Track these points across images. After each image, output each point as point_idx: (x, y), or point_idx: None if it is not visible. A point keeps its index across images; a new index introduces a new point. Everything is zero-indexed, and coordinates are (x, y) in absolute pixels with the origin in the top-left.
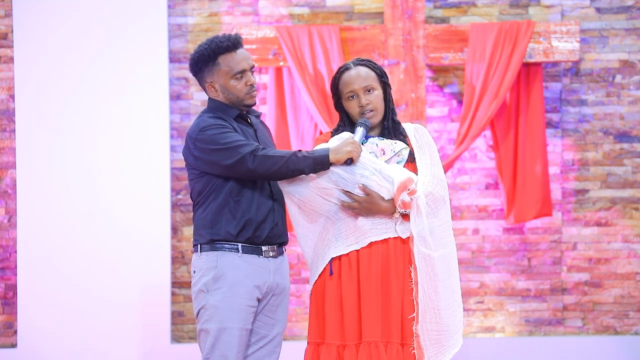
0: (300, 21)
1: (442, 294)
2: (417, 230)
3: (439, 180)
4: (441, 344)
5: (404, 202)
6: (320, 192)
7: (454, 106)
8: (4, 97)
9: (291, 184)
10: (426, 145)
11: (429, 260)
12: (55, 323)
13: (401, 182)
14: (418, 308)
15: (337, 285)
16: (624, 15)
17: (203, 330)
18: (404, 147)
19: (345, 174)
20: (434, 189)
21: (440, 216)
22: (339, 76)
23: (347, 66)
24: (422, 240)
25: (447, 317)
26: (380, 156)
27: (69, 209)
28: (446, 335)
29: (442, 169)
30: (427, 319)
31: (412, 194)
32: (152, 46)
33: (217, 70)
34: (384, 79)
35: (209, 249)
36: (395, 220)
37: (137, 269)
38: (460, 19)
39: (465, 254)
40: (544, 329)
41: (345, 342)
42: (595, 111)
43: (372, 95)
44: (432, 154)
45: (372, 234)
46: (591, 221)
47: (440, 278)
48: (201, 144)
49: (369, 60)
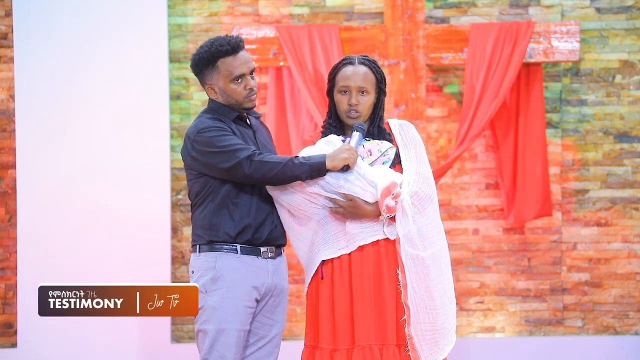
0: (300, 21)
1: (434, 293)
2: (403, 232)
3: (425, 178)
4: (437, 342)
5: (388, 206)
6: (308, 197)
7: (454, 106)
8: (4, 97)
9: (279, 188)
10: (411, 142)
11: (418, 260)
12: (55, 323)
13: (384, 187)
14: (408, 310)
15: (330, 289)
16: (624, 15)
17: (201, 331)
18: (390, 147)
19: (330, 179)
20: (419, 188)
21: (428, 215)
22: (340, 67)
23: (350, 60)
24: (408, 241)
25: (441, 315)
26: (367, 157)
27: (69, 208)
28: (441, 333)
29: (429, 166)
30: (421, 320)
31: (397, 197)
32: (152, 46)
33: (216, 73)
34: (381, 85)
35: (208, 250)
36: (382, 222)
37: (137, 269)
38: (460, 19)
39: (465, 254)
40: (544, 329)
41: (338, 347)
42: (595, 111)
43: (364, 98)
44: (418, 151)
45: (360, 238)
46: (591, 221)
47: (431, 277)
48: (199, 145)
49: (374, 62)
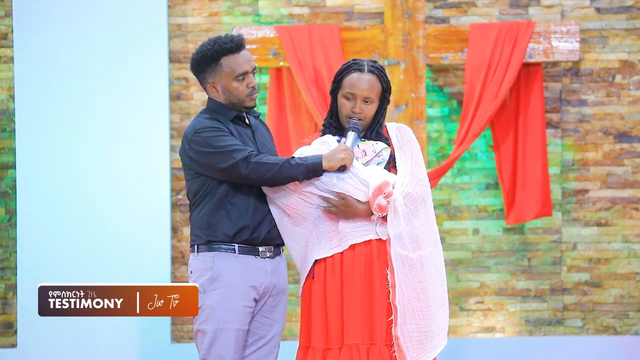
0: (300, 21)
1: (422, 295)
2: (394, 232)
3: (419, 180)
4: (422, 344)
5: (380, 205)
6: (302, 196)
7: (454, 106)
8: (4, 97)
9: (273, 188)
10: (407, 145)
11: (407, 262)
12: (55, 323)
13: (376, 186)
14: (396, 311)
15: (322, 288)
16: (624, 15)
17: (200, 331)
18: (385, 148)
19: (323, 177)
20: (412, 189)
21: (420, 217)
22: (348, 71)
23: (360, 67)
24: (399, 241)
25: (429, 317)
26: (362, 157)
27: (69, 208)
28: (428, 335)
29: (424, 169)
30: (408, 321)
31: (389, 196)
32: (152, 46)
33: (219, 71)
34: (386, 94)
35: (206, 250)
36: (375, 222)
37: (137, 269)
38: (460, 19)
39: (465, 254)
40: (544, 329)
41: (330, 346)
42: (595, 111)
43: (367, 107)
44: (414, 154)
45: (352, 237)
46: (591, 221)
47: (419, 279)
48: (196, 145)
49: (382, 69)
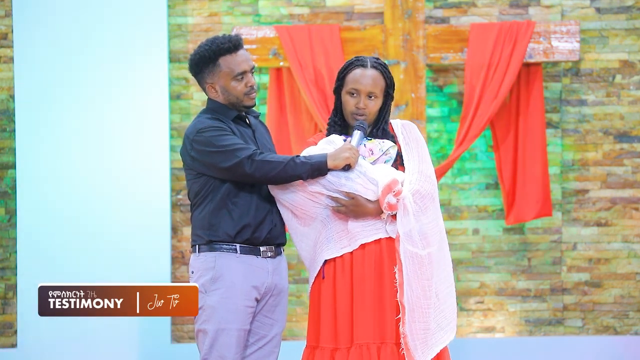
0: (300, 21)
1: (430, 292)
2: (404, 230)
3: (427, 177)
4: (426, 342)
5: (389, 203)
6: (310, 196)
7: (454, 106)
8: (4, 97)
9: (281, 189)
10: (414, 142)
11: (417, 259)
12: (55, 323)
13: (385, 184)
14: (404, 309)
15: (332, 288)
16: (624, 15)
17: (201, 331)
18: (392, 146)
19: (331, 178)
20: (421, 186)
21: (429, 213)
22: (351, 68)
23: (363, 63)
24: (409, 239)
25: (434, 315)
26: (369, 156)
27: (69, 208)
28: (430, 333)
29: (431, 165)
30: (416, 319)
31: (398, 194)
32: (152, 46)
33: (217, 71)
34: (390, 90)
35: (207, 250)
36: (384, 221)
37: (137, 269)
38: (460, 19)
39: (465, 254)
40: (544, 329)
41: (339, 346)
42: (595, 111)
43: (372, 102)
44: (420, 151)
45: (362, 236)
46: (591, 221)
47: (428, 276)
48: (198, 145)
49: (385, 66)
